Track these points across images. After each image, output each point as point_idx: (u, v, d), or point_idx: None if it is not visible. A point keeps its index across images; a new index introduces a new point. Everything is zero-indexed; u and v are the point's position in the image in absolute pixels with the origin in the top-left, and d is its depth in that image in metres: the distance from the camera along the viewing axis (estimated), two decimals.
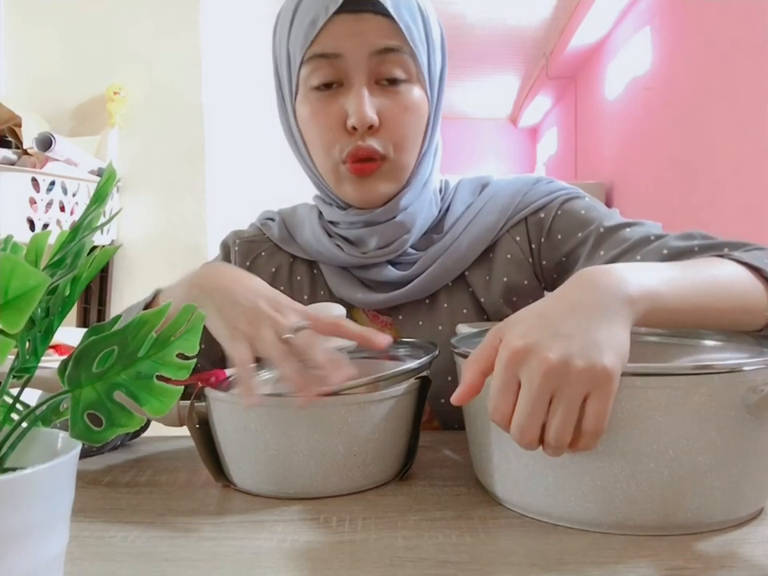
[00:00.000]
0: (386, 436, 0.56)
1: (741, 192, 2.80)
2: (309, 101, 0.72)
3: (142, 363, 0.36)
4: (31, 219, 1.46)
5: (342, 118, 0.70)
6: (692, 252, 0.64)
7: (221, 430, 0.57)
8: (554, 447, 0.44)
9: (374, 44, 0.68)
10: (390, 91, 0.70)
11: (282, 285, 0.83)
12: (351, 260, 0.77)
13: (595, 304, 0.46)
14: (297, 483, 0.55)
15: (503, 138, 7.77)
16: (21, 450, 0.36)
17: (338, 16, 0.67)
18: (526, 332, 0.45)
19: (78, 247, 0.37)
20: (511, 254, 0.78)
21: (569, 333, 0.44)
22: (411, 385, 0.58)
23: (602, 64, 4.97)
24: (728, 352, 0.53)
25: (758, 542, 0.46)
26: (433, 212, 0.79)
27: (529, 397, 0.43)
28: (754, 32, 2.69)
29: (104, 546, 0.46)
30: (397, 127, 0.71)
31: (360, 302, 0.78)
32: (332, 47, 0.68)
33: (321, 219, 0.82)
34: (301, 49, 0.70)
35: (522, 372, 0.44)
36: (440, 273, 0.76)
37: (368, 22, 0.68)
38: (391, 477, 0.58)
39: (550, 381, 0.42)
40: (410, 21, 0.69)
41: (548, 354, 0.42)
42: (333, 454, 0.54)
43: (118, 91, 1.72)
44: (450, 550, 0.45)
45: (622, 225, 0.72)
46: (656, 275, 0.51)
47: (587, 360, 0.42)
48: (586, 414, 0.43)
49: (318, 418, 0.53)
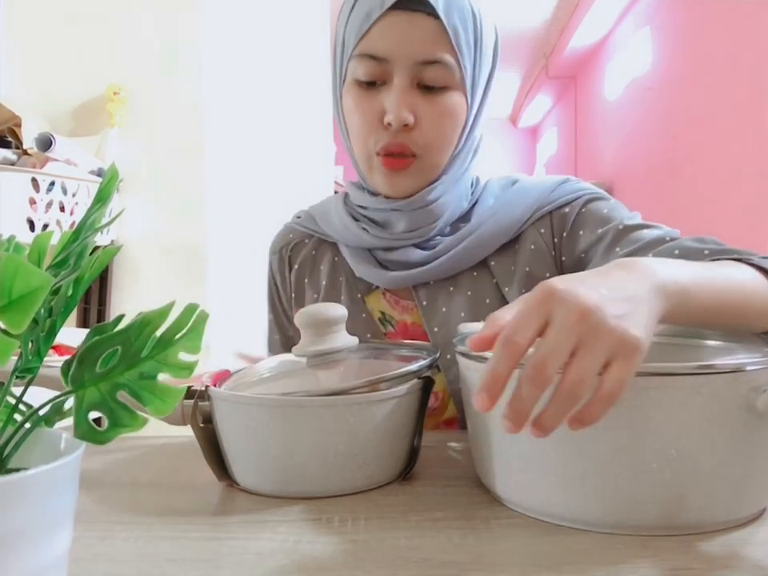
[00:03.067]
0: (388, 436, 0.56)
1: (740, 192, 2.80)
2: (352, 93, 0.76)
3: (145, 363, 0.36)
4: (31, 219, 1.46)
5: (380, 114, 0.73)
6: (702, 254, 0.65)
7: (224, 430, 0.57)
8: (565, 398, 0.40)
9: (421, 53, 0.71)
10: (428, 95, 0.73)
11: (306, 278, 0.88)
12: (376, 242, 0.80)
13: (633, 285, 0.45)
14: (298, 483, 0.55)
15: (503, 137, 7.77)
16: (24, 450, 0.36)
17: (392, 12, 0.70)
18: (566, 281, 0.43)
19: (80, 247, 0.37)
20: (535, 244, 0.79)
21: (609, 296, 0.42)
22: (414, 385, 0.58)
23: (602, 64, 4.97)
24: (731, 352, 0.53)
25: (761, 542, 0.46)
26: (463, 205, 0.82)
27: (558, 333, 0.40)
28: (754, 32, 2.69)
29: (106, 547, 0.46)
30: (431, 130, 0.74)
31: (381, 280, 0.81)
32: (381, 51, 0.72)
33: (346, 204, 0.85)
34: (354, 39, 0.73)
35: (556, 309, 0.41)
36: (462, 255, 0.78)
37: (419, 25, 0.70)
38: (394, 477, 0.58)
39: (583, 326, 0.40)
40: (460, 26, 0.71)
41: (586, 299, 0.41)
42: (334, 454, 0.54)
43: (118, 91, 1.72)
44: (452, 550, 0.45)
45: (641, 225, 0.74)
46: (685, 273, 0.50)
47: (621, 324, 0.41)
48: (605, 377, 0.40)
49: (319, 418, 0.53)
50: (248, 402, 0.55)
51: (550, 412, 0.40)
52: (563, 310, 0.41)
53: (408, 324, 0.82)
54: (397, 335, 0.82)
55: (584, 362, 0.40)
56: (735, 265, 0.59)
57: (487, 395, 0.40)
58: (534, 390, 0.39)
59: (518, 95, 6.92)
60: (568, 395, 0.40)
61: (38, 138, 1.47)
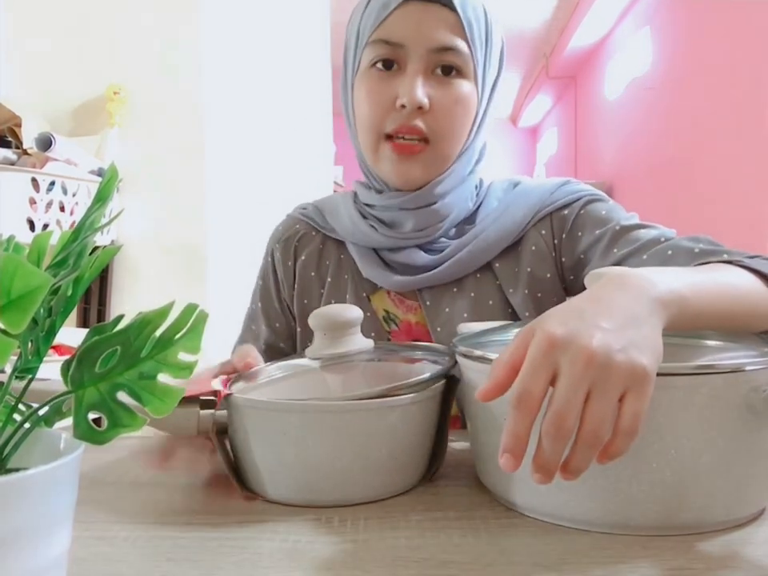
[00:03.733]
0: (424, 437, 0.56)
1: (740, 192, 2.80)
2: (366, 79, 0.77)
3: (144, 363, 0.36)
4: (31, 219, 1.46)
5: (393, 99, 0.74)
6: (693, 252, 0.66)
7: (252, 439, 0.54)
8: (589, 445, 0.40)
9: (436, 40, 0.73)
10: (443, 81, 0.75)
11: (312, 271, 0.88)
12: (384, 241, 0.80)
13: (631, 305, 0.45)
14: (338, 491, 0.53)
15: (503, 137, 7.76)
16: (24, 450, 0.36)
17: (410, 2, 0.73)
18: (565, 321, 0.43)
19: (80, 247, 0.37)
20: (536, 246, 0.80)
21: (609, 328, 0.42)
22: (443, 384, 0.57)
23: (602, 64, 4.97)
24: (730, 352, 0.53)
25: (761, 542, 0.46)
26: (468, 206, 0.82)
27: (569, 383, 0.40)
28: (753, 31, 2.69)
29: (106, 547, 0.46)
30: (444, 115, 0.75)
31: (387, 282, 0.81)
32: (397, 36, 0.73)
33: (356, 203, 0.86)
34: (370, 28, 0.75)
35: (561, 358, 0.41)
36: (467, 259, 0.79)
37: (434, 14, 0.73)
38: (422, 477, 0.58)
39: (591, 371, 0.40)
40: (474, 20, 0.74)
41: (591, 342, 0.41)
42: (377, 458, 0.53)
43: (118, 91, 1.72)
44: (452, 550, 0.45)
45: (638, 225, 0.75)
46: (680, 280, 0.51)
47: (628, 356, 0.41)
48: (622, 413, 0.41)
49: (363, 422, 0.52)
50: (287, 408, 0.52)
51: (578, 458, 0.41)
52: (569, 358, 0.41)
53: (412, 323, 0.82)
54: (400, 334, 0.82)
55: (599, 406, 0.40)
56: (726, 267, 0.59)
57: (511, 455, 0.40)
58: (556, 445, 0.40)
59: (518, 95, 6.92)
60: (591, 441, 0.40)
61: (38, 138, 1.47)
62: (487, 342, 0.58)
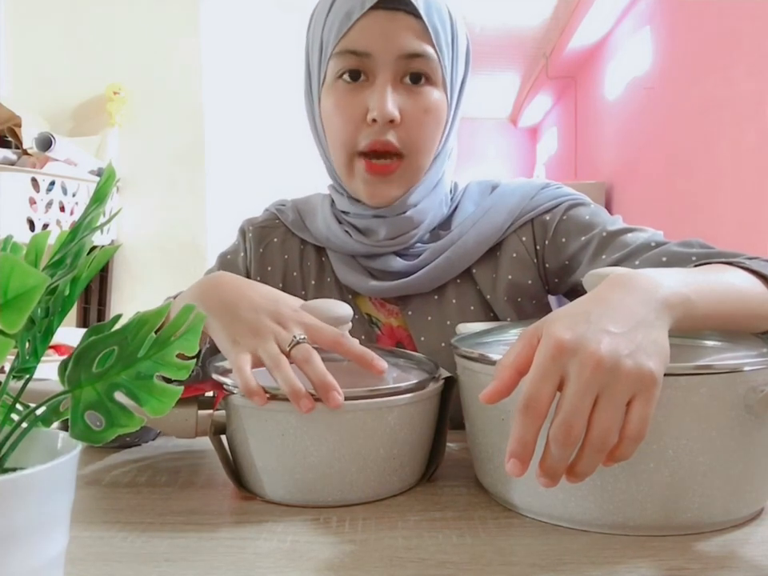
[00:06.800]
0: (422, 437, 0.56)
1: (740, 192, 2.80)
2: (334, 92, 0.74)
3: (141, 363, 0.36)
4: (31, 219, 1.46)
5: (364, 112, 0.72)
6: (689, 260, 0.65)
7: (251, 439, 0.54)
8: (596, 450, 0.40)
9: (403, 47, 0.71)
10: (412, 91, 0.73)
11: (294, 271, 0.85)
12: (359, 248, 0.79)
13: (637, 307, 0.45)
14: (337, 491, 0.52)
15: (503, 137, 7.76)
16: (21, 450, 0.36)
17: (373, 12, 0.70)
18: (572, 325, 0.43)
19: (77, 247, 0.37)
20: (517, 252, 0.79)
21: (616, 332, 0.42)
22: (442, 385, 0.57)
23: (602, 64, 4.97)
24: (729, 352, 0.53)
25: (758, 542, 0.46)
26: (443, 211, 0.81)
27: (577, 389, 0.40)
28: (753, 31, 2.69)
29: (104, 547, 0.46)
30: (416, 127, 0.73)
31: (365, 289, 0.80)
32: (362, 46, 0.71)
33: (333, 207, 0.84)
34: (334, 39, 0.72)
35: (570, 364, 0.41)
36: (446, 266, 0.77)
37: (399, 22, 0.70)
38: (420, 478, 0.58)
39: (599, 376, 0.40)
40: (439, 25, 0.72)
41: (599, 347, 0.41)
42: (374, 459, 0.53)
43: (118, 91, 1.72)
44: (450, 551, 0.45)
45: (624, 230, 0.74)
46: (684, 282, 0.50)
47: (636, 361, 0.41)
48: (629, 418, 0.41)
49: (361, 422, 0.52)
50: (287, 408, 0.51)
51: (584, 462, 0.41)
52: (576, 363, 0.41)
53: (394, 327, 0.82)
54: (384, 337, 0.82)
55: (607, 412, 0.40)
56: (727, 269, 0.59)
57: (518, 461, 0.41)
58: (564, 451, 0.40)
59: (517, 95, 6.92)
60: (598, 446, 0.40)
61: (38, 138, 1.47)
62: (487, 342, 0.58)
